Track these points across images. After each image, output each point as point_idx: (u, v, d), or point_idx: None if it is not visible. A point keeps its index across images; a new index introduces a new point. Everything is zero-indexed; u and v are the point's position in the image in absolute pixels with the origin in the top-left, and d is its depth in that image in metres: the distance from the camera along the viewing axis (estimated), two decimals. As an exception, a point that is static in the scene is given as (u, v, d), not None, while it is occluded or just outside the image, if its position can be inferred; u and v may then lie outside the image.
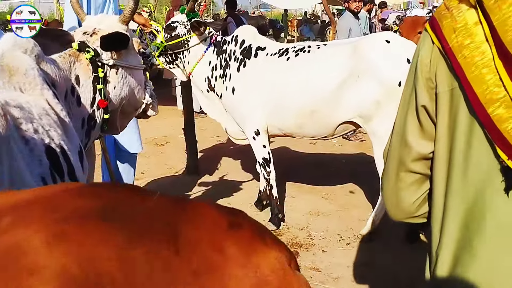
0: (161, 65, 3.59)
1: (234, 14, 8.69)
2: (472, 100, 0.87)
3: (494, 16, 0.81)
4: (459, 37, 0.88)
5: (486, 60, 0.85)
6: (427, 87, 0.98)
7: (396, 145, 1.10)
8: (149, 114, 2.49)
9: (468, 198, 0.92)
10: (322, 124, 3.35)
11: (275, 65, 3.42)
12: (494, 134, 0.85)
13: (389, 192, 1.14)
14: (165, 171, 5.10)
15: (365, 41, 3.18)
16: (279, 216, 3.64)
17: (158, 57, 3.52)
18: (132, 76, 2.17)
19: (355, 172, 4.90)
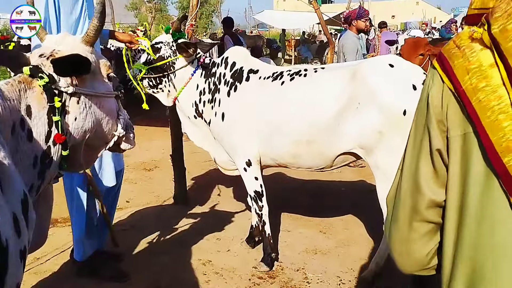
0: (144, 89, 3.28)
1: (232, 33, 8.47)
2: (487, 147, 0.82)
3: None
4: (473, 79, 0.83)
5: (503, 106, 0.80)
6: (439, 129, 0.92)
7: (408, 192, 1.02)
8: (123, 147, 2.18)
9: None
10: (319, 154, 3.04)
11: (269, 90, 3.12)
12: (509, 185, 0.79)
13: (399, 242, 1.08)
14: (151, 200, 4.76)
15: (366, 64, 2.89)
16: (272, 255, 3.30)
17: (141, 81, 3.23)
18: (99, 105, 1.87)
19: (355, 202, 4.58)
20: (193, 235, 3.73)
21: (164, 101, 3.38)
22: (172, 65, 3.22)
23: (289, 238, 3.83)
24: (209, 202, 4.67)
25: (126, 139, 2.16)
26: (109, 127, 1.98)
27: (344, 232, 3.97)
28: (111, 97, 1.97)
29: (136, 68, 3.20)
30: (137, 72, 3.21)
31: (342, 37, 5.86)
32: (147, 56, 3.21)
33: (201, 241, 3.64)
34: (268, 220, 3.31)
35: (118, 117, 2.06)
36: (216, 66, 3.31)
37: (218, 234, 3.78)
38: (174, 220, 4.05)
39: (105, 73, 1.93)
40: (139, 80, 3.21)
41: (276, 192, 4.92)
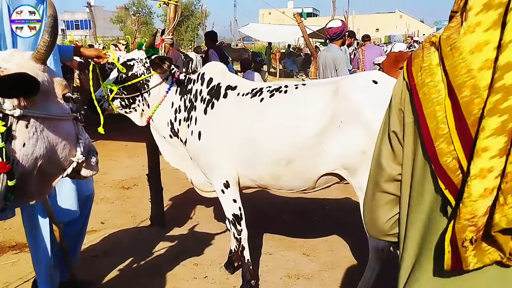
0: (115, 110, 3.09)
1: (216, 47, 8.34)
2: (424, 134, 0.97)
3: (447, 62, 0.92)
4: (423, 75, 0.98)
5: (440, 98, 0.94)
6: (398, 116, 1.09)
7: (372, 167, 1.21)
8: (84, 174, 1.99)
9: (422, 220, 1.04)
10: (301, 175, 2.88)
11: (247, 107, 2.96)
12: (436, 166, 0.95)
13: (366, 211, 1.26)
14: (127, 221, 4.54)
15: (349, 81, 2.75)
16: (252, 282, 3.10)
17: (112, 101, 3.03)
18: (54, 129, 1.68)
19: (340, 221, 4.43)
20: (168, 261, 3.52)
21: (137, 121, 3.18)
22: (146, 83, 3.04)
23: (270, 262, 3.64)
24: (189, 222, 4.46)
25: (87, 165, 1.98)
26: (66, 153, 1.79)
27: (329, 254, 3.79)
28: (67, 120, 1.79)
29: (106, 88, 3.00)
30: (108, 92, 3.01)
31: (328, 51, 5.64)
32: (117, 74, 3.02)
33: (177, 267, 3.43)
34: (247, 245, 3.12)
35: (77, 141, 1.87)
36: (192, 82, 3.14)
37: (196, 258, 3.57)
38: (149, 244, 3.83)
39: (61, 93, 1.75)
40: (110, 101, 3.01)
41: (259, 210, 4.75)
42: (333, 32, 5.33)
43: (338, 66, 5.53)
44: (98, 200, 5.22)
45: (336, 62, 5.58)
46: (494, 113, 0.83)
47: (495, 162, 0.83)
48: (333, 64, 5.60)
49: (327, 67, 5.53)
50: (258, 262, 3.60)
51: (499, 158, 0.83)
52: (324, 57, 5.51)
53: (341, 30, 5.30)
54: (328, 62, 5.59)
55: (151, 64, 3.01)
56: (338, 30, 5.32)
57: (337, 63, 5.56)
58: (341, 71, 5.49)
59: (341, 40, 5.44)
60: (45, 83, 1.62)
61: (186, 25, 41.17)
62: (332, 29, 5.31)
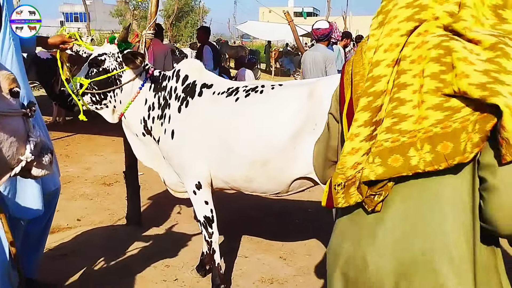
0: (85, 106, 2.98)
1: (211, 44, 8.27)
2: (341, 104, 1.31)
3: (356, 57, 1.25)
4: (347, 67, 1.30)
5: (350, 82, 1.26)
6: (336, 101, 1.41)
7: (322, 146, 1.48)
8: (35, 173, 1.88)
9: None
10: (274, 178, 2.80)
11: (222, 106, 2.88)
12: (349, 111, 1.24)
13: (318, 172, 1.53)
14: (105, 218, 4.45)
15: (325, 82, 2.67)
16: (222, 287, 3.02)
17: (82, 96, 2.92)
18: (-2, 126, 1.59)
19: (321, 225, 4.34)
20: (139, 262, 3.43)
21: (109, 118, 3.07)
22: (118, 79, 2.94)
23: (245, 265, 3.56)
24: (167, 222, 4.38)
25: (38, 164, 1.87)
26: (12, 151, 1.69)
27: (306, 258, 3.71)
28: (14, 116, 1.70)
29: (76, 82, 2.90)
30: (77, 86, 2.90)
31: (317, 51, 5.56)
32: (88, 68, 2.92)
33: (148, 268, 3.34)
34: (218, 248, 3.04)
35: (27, 139, 1.77)
36: (167, 79, 3.05)
37: (168, 260, 3.49)
38: (122, 243, 3.74)
39: (6, 87, 1.66)
40: (80, 95, 2.91)
41: (239, 211, 4.67)
42: (320, 33, 5.33)
43: (328, 66, 5.51)
44: (77, 196, 5.14)
45: (326, 61, 5.55)
46: (364, 95, 1.13)
47: (360, 129, 1.13)
48: (323, 64, 5.56)
49: (315, 66, 5.49)
50: (232, 265, 3.52)
51: (364, 127, 1.12)
52: (312, 57, 5.46)
53: (328, 31, 5.30)
54: (318, 62, 5.55)
55: (123, 59, 2.92)
56: (325, 31, 5.30)
57: (327, 63, 5.53)
58: (330, 70, 5.49)
59: (327, 41, 5.44)
60: (-14, 78, 1.53)
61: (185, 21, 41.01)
62: (319, 30, 5.28)
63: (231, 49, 20.87)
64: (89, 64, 2.92)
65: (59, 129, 8.38)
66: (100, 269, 3.34)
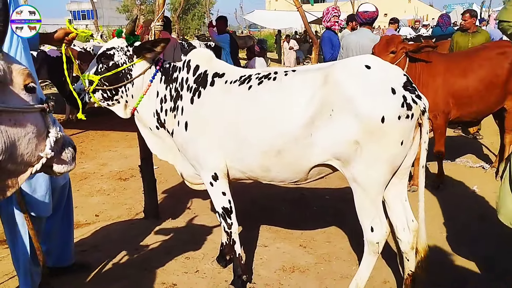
0: (97, 103, 2.95)
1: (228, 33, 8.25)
2: None
3: None
4: None
5: None
6: None
7: None
8: (57, 170, 1.86)
9: None
10: (292, 167, 2.75)
11: (235, 95, 2.83)
12: None
13: None
14: (123, 213, 4.47)
15: (340, 66, 2.60)
16: (244, 277, 3.00)
17: (93, 93, 2.89)
18: (14, 123, 1.57)
19: (339, 212, 4.30)
20: (159, 255, 3.43)
21: (121, 113, 3.04)
22: (128, 73, 2.91)
23: (265, 254, 3.54)
24: (184, 215, 4.37)
25: (60, 160, 1.86)
26: (32, 148, 1.67)
27: (326, 246, 3.68)
28: (32, 112, 1.67)
29: (86, 79, 2.86)
30: (87, 84, 2.87)
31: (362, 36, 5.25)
32: (97, 64, 2.89)
33: (168, 260, 3.34)
34: (238, 239, 3.01)
35: (47, 135, 1.75)
36: (177, 70, 3.01)
37: (188, 252, 3.48)
38: (141, 237, 3.75)
39: (22, 83, 1.63)
40: (91, 93, 2.88)
41: (257, 201, 4.64)
42: (369, 16, 5.12)
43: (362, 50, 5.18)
44: (94, 192, 5.16)
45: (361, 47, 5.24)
46: None
47: None
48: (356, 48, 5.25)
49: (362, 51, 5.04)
50: (252, 254, 3.50)
51: None
52: (359, 42, 5.14)
53: (376, 14, 5.17)
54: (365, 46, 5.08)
55: (134, 51, 2.87)
56: (373, 14, 5.14)
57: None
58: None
59: (372, 25, 5.27)
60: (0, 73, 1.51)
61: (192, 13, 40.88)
62: (367, 13, 5.11)
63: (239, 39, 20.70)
64: (97, 60, 2.89)
65: (72, 126, 8.43)
66: (121, 263, 3.35)
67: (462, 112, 4.77)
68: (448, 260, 3.37)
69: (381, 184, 2.55)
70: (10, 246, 2.66)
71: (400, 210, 2.73)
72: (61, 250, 3.08)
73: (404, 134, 2.44)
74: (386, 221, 2.65)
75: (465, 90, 4.67)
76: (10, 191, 1.73)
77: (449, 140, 5.92)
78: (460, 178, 5.18)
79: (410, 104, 2.42)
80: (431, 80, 4.62)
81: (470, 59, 4.81)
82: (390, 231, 2.70)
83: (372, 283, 2.97)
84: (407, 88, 2.46)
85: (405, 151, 2.51)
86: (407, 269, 2.76)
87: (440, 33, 9.20)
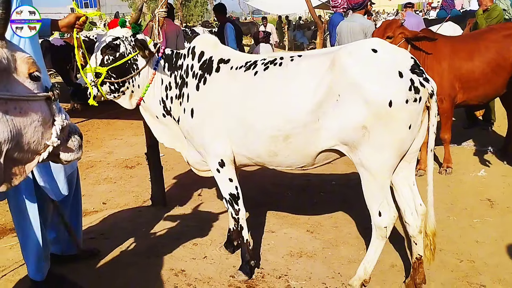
0: (104, 96, 2.92)
1: (232, 21, 8.13)
2: None
3: None
4: None
5: None
6: None
7: None
8: (64, 158, 1.86)
9: None
10: (299, 152, 2.74)
11: (241, 81, 2.81)
12: None
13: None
14: (130, 201, 4.49)
15: (346, 50, 2.57)
16: (252, 263, 3.02)
17: (101, 85, 2.85)
18: (20, 111, 1.57)
19: (346, 197, 4.30)
20: (167, 241, 3.45)
21: (127, 105, 3.01)
22: (134, 63, 2.88)
23: (272, 240, 3.55)
24: (191, 202, 4.37)
25: (66, 148, 1.86)
26: (38, 136, 1.67)
27: (333, 231, 3.69)
28: (37, 100, 1.67)
29: (93, 72, 2.82)
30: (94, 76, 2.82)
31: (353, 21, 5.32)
32: (102, 56, 2.84)
33: (176, 247, 3.35)
34: (245, 225, 3.02)
35: (52, 123, 1.75)
36: (182, 57, 2.99)
37: (196, 238, 3.50)
38: (149, 224, 3.77)
39: (26, 71, 1.62)
40: (99, 85, 2.85)
41: (263, 187, 4.65)
42: (355, 2, 5.14)
43: (369, 36, 5.23)
44: (101, 180, 5.19)
45: (366, 31, 5.30)
46: None
47: None
48: (363, 34, 5.28)
49: (353, 37, 5.20)
50: (260, 240, 3.52)
51: None
52: (349, 27, 5.23)
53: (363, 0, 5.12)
54: (356, 32, 5.28)
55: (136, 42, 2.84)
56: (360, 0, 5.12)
57: (368, 32, 5.30)
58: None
59: (363, 9, 5.24)
60: (3, 61, 1.50)
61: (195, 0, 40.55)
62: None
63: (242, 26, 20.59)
64: (102, 51, 2.85)
65: (77, 115, 8.44)
66: (130, 249, 3.38)
67: (468, 95, 4.73)
68: (455, 243, 3.36)
69: (389, 169, 2.54)
70: (19, 234, 2.68)
71: (408, 194, 2.72)
72: (70, 238, 3.10)
73: (412, 118, 2.42)
74: (394, 206, 2.65)
75: (472, 73, 4.62)
76: (17, 180, 1.73)
77: (455, 124, 5.89)
78: (467, 162, 5.16)
79: (418, 88, 2.39)
80: (436, 63, 4.57)
81: (476, 42, 4.75)
82: (398, 215, 2.69)
83: (380, 267, 2.97)
84: (415, 71, 2.44)
85: (413, 135, 2.49)
86: (415, 253, 2.76)
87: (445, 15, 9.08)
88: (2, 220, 4.07)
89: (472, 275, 2.95)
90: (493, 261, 3.10)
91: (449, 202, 4.10)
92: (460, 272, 3.00)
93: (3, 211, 4.14)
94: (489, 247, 3.29)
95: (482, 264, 3.08)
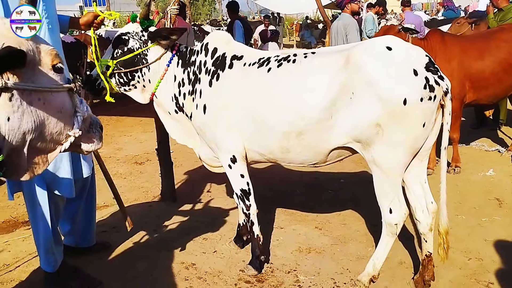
0: (114, 88, 2.97)
1: (241, 18, 8.22)
2: None
3: None
4: None
5: None
6: None
7: None
8: (85, 149, 1.91)
9: None
10: (311, 149, 2.76)
11: (254, 78, 2.83)
12: None
13: None
14: (140, 196, 4.53)
15: (361, 48, 2.59)
16: (262, 258, 3.05)
17: (110, 78, 2.90)
18: (43, 102, 1.61)
19: (355, 195, 4.32)
20: (177, 236, 3.49)
21: (139, 99, 3.05)
22: (144, 58, 2.92)
23: (281, 236, 3.58)
24: (201, 197, 4.41)
25: (87, 138, 1.90)
26: (60, 127, 1.71)
27: (341, 228, 3.71)
28: (60, 92, 1.71)
29: (103, 64, 2.88)
30: (104, 68, 2.88)
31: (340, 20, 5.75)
32: (112, 50, 2.89)
33: (186, 242, 3.39)
34: (256, 220, 3.05)
35: (74, 114, 1.79)
36: (195, 54, 3.02)
37: (205, 233, 3.53)
38: (159, 219, 3.81)
39: (50, 63, 1.66)
40: (108, 77, 2.90)
41: (272, 185, 4.67)
42: (337, 2, 5.73)
43: (349, 33, 5.64)
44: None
45: (346, 28, 5.68)
46: None
47: None
48: (343, 31, 5.70)
49: (338, 35, 5.69)
50: (269, 236, 3.54)
51: None
52: (336, 26, 5.70)
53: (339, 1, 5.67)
54: (339, 31, 5.75)
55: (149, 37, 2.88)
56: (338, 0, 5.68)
57: (348, 30, 5.66)
58: (351, 38, 5.62)
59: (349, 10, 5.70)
60: (29, 53, 1.54)
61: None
62: None
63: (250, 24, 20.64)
64: (113, 46, 2.90)
65: (87, 111, 8.49)
66: (141, 243, 3.42)
67: (478, 95, 4.73)
68: (464, 242, 3.37)
69: (401, 166, 2.56)
70: (32, 225, 2.73)
71: (420, 192, 2.74)
72: (83, 232, 3.16)
73: (426, 116, 2.43)
74: (405, 203, 2.66)
75: (482, 72, 4.62)
76: (40, 169, 1.77)
77: (464, 124, 5.89)
78: (475, 162, 5.16)
79: (433, 86, 2.41)
80: (446, 63, 4.57)
81: (487, 41, 4.75)
82: (409, 212, 2.71)
83: (389, 263, 2.99)
84: (430, 69, 2.45)
85: (426, 133, 2.50)
86: (424, 250, 2.78)
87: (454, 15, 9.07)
88: (14, 214, 4.13)
89: (480, 273, 2.97)
90: (501, 259, 3.11)
91: (457, 201, 4.11)
92: (468, 270, 3.02)
93: (15, 204, 4.20)
94: (497, 245, 3.30)
95: (490, 262, 3.09)
